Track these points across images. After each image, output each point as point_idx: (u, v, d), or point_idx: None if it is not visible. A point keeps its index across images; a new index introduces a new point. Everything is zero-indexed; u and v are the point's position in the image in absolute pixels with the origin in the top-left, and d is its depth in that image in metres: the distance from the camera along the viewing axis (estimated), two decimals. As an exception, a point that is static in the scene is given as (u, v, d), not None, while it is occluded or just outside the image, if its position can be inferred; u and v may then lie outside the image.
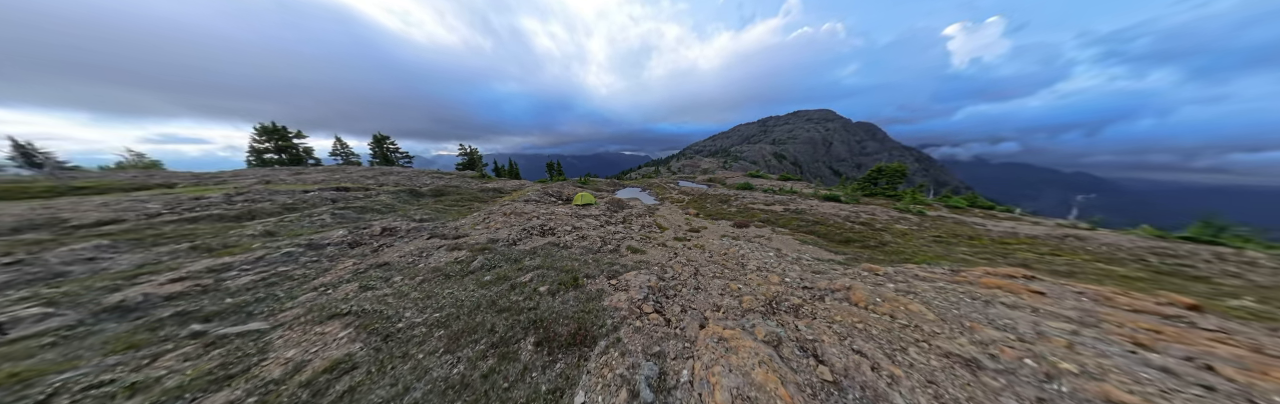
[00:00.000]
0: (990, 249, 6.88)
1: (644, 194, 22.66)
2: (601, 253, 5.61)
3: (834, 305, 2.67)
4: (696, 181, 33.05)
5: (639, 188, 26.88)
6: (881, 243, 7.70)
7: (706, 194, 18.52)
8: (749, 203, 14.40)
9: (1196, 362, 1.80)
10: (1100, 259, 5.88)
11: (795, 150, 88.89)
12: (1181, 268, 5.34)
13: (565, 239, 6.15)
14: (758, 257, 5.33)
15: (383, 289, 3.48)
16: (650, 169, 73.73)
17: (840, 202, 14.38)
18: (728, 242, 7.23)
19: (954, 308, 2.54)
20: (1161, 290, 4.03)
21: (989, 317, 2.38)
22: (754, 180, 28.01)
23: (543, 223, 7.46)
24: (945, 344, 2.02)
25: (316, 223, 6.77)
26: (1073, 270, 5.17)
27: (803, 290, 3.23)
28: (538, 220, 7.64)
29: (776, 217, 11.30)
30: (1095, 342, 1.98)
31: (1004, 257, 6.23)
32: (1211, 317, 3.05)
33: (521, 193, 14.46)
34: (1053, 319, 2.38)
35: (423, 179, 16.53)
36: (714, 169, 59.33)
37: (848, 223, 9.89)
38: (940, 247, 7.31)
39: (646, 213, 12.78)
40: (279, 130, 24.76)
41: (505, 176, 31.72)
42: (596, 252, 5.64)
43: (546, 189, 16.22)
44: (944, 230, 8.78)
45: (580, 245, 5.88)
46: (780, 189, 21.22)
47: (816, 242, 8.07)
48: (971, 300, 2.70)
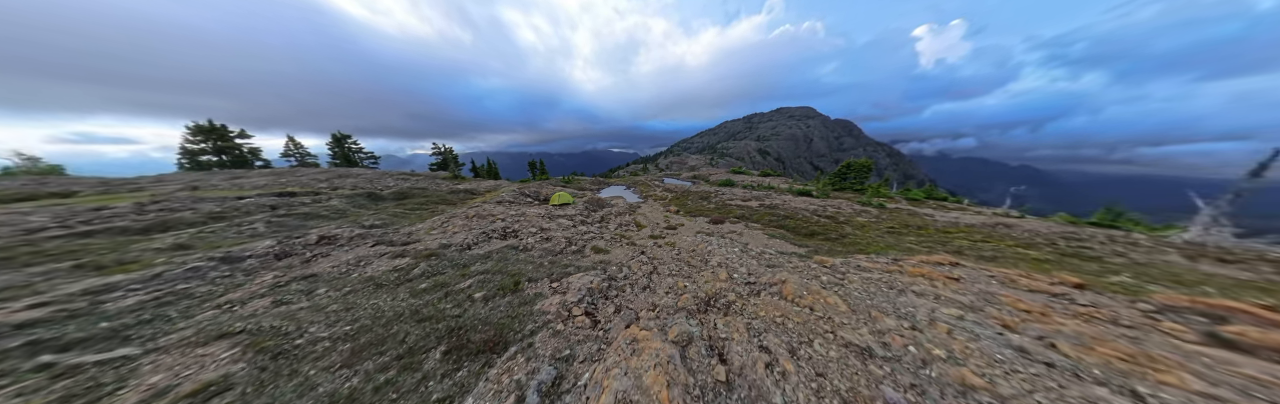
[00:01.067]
0: (933, 238, 7.45)
1: (628, 192, 22.57)
2: (562, 255, 5.51)
3: (765, 300, 2.75)
4: (682, 179, 33.36)
5: (624, 186, 26.73)
6: (841, 235, 8.12)
7: (689, 191, 18.74)
8: (727, 199, 14.70)
9: (1045, 340, 2.00)
10: (1020, 244, 6.53)
11: (778, 146, 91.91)
12: (1082, 250, 6.04)
13: (527, 241, 5.99)
14: (722, 253, 5.43)
15: (299, 303, 3.20)
16: (638, 167, 73.61)
17: (812, 196, 15.02)
18: (700, 238, 7.33)
19: (868, 298, 2.70)
20: (1058, 271, 4.52)
21: (896, 305, 2.55)
22: (736, 177, 28.67)
23: (508, 225, 7.22)
24: (848, 334, 2.12)
25: (245, 233, 6.14)
26: (996, 255, 5.70)
27: (745, 286, 3.31)
28: (502, 223, 7.40)
29: (751, 212, 11.61)
30: (973, 325, 2.16)
31: (943, 245, 6.76)
32: (1089, 293, 3.45)
33: (495, 194, 13.88)
34: (948, 306, 2.58)
35: (385, 181, 15.45)
36: (700, 166, 60.10)
37: (815, 217, 10.35)
38: (892, 237, 7.82)
39: (628, 211, 12.71)
40: (216, 129, 22.12)
41: (484, 177, 30.44)
42: (557, 253, 5.53)
43: (524, 189, 15.68)
44: (898, 222, 9.40)
45: (542, 248, 5.74)
46: (759, 185, 21.86)
47: (784, 235, 8.38)
48: (888, 290, 2.89)
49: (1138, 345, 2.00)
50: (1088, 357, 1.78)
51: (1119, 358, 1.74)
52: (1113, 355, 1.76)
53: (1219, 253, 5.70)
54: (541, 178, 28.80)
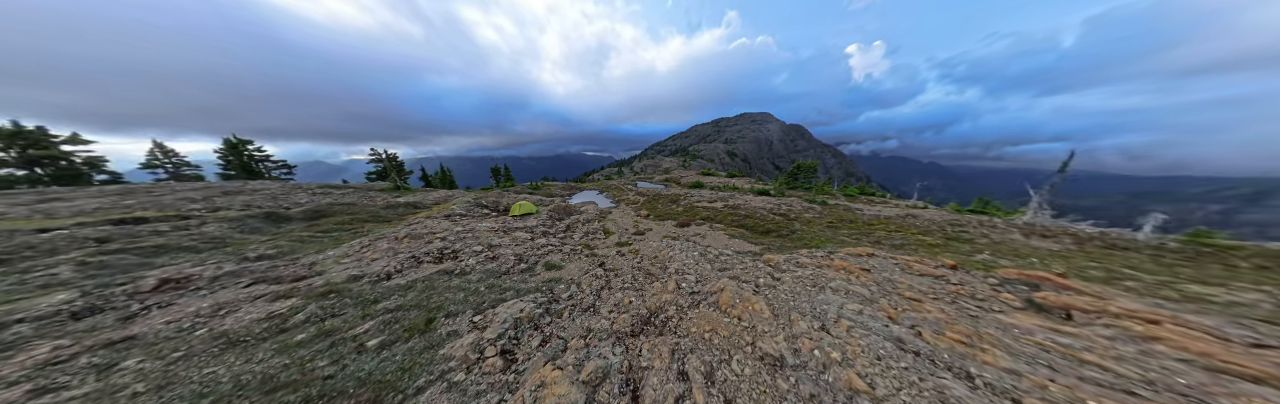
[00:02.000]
0: (861, 230, 8.68)
1: (601, 197, 22.25)
2: (507, 275, 5.07)
3: (701, 312, 2.86)
4: (655, 182, 33.99)
5: (597, 190, 26.30)
6: (791, 231, 9.01)
7: (660, 194, 19.14)
8: (695, 201, 15.34)
9: (915, 329, 2.43)
10: (920, 232, 7.96)
11: (744, 148, 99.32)
12: (961, 233, 7.59)
13: (467, 263, 5.39)
14: (682, 258, 5.59)
15: (77, 388, 2.25)
16: (613, 170, 73.20)
17: (769, 195, 16.44)
18: (665, 243, 7.48)
19: (792, 299, 3.00)
20: (943, 254, 5.60)
21: (814, 304, 2.87)
22: (705, 178, 30.18)
23: (448, 245, 6.40)
24: (766, 344, 2.25)
25: (33, 283, 4.34)
26: (903, 243, 6.87)
27: (689, 296, 3.43)
28: (442, 242, 6.53)
29: (716, 213, 12.27)
30: (867, 319, 2.53)
31: (867, 236, 7.92)
32: (960, 272, 4.30)
33: (445, 206, 12.46)
34: (853, 300, 2.98)
35: (297, 196, 12.72)
36: (673, 168, 62.01)
37: (771, 215, 11.33)
38: (830, 231, 8.91)
39: (597, 217, 12.47)
40: (22, 132, 16.34)
41: (436, 186, 27.36)
42: (501, 275, 5.06)
43: (481, 199, 14.39)
44: (836, 217, 10.75)
45: (484, 269, 5.21)
46: (726, 185, 23.31)
47: (743, 235, 9.00)
48: (811, 287, 3.25)
49: (975, 324, 2.51)
50: (941, 342, 2.18)
51: (960, 341, 2.16)
52: (957, 339, 2.18)
53: (1042, 230, 7.61)
54: (506, 185, 26.90)
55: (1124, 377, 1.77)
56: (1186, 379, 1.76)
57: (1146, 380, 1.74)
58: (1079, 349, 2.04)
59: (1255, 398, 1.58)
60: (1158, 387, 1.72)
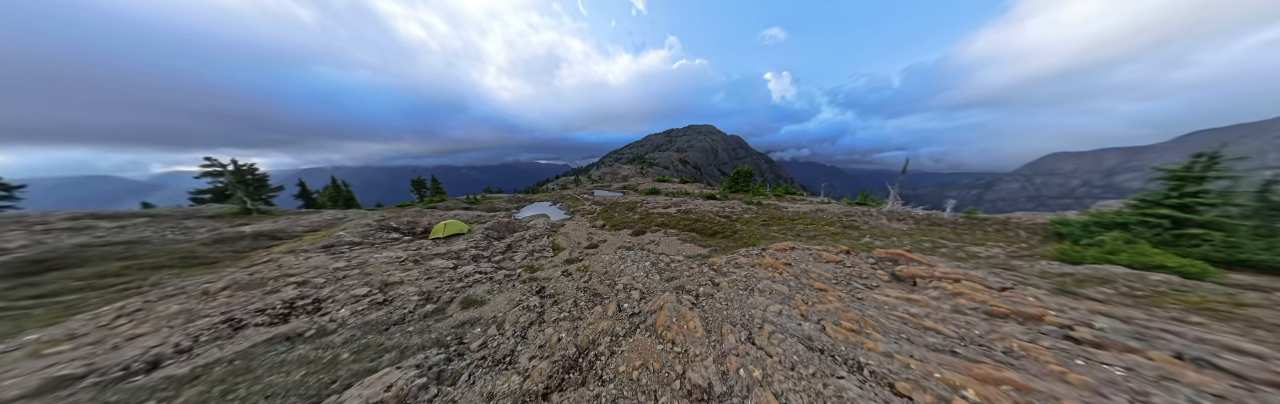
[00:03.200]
0: (786, 225, 10.23)
1: (554, 208, 20.76)
2: (399, 326, 3.82)
3: (636, 341, 2.65)
4: (613, 189, 33.84)
5: (550, 202, 24.52)
6: (734, 231, 9.98)
7: (618, 203, 18.99)
8: (651, 208, 15.73)
9: (820, 323, 2.83)
10: (826, 223, 9.86)
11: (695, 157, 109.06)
12: (852, 222, 9.72)
13: (336, 316, 3.86)
14: (633, 271, 5.43)
15: None
16: (569, 178, 70.28)
17: (716, 199, 18.12)
18: (619, 255, 7.24)
19: (725, 308, 3.11)
20: (841, 241, 6.99)
21: (744, 310, 3.01)
22: (661, 185, 31.60)
23: (306, 292, 4.47)
24: (696, 373, 2.15)
25: None
26: (815, 234, 8.37)
27: (627, 320, 3.25)
28: (297, 289, 4.53)
29: (671, 218, 12.75)
30: (785, 320, 2.77)
31: (791, 229, 9.38)
32: (851, 256, 5.37)
33: (327, 233, 9.43)
34: (775, 300, 3.27)
35: (8, 233, 7.51)
36: (632, 175, 63.36)
37: (717, 217, 12.39)
38: (764, 228, 10.23)
39: (547, 232, 11.41)
40: None
41: (324, 205, 20.90)
42: (391, 326, 3.77)
43: (389, 220, 11.47)
44: (768, 215, 12.45)
45: (362, 322, 3.80)
46: (679, 191, 24.84)
47: (694, 238, 9.52)
48: (743, 291, 3.49)
49: (861, 308, 3.01)
50: (838, 334, 2.53)
51: (851, 330, 2.52)
52: (850, 328, 2.54)
53: (897, 215, 10.41)
54: (433, 200, 22.49)
55: (949, 337, 2.36)
56: (979, 329, 2.46)
57: (960, 337, 2.36)
58: (922, 317, 2.68)
59: (1010, 337, 2.28)
60: (967, 341, 2.34)
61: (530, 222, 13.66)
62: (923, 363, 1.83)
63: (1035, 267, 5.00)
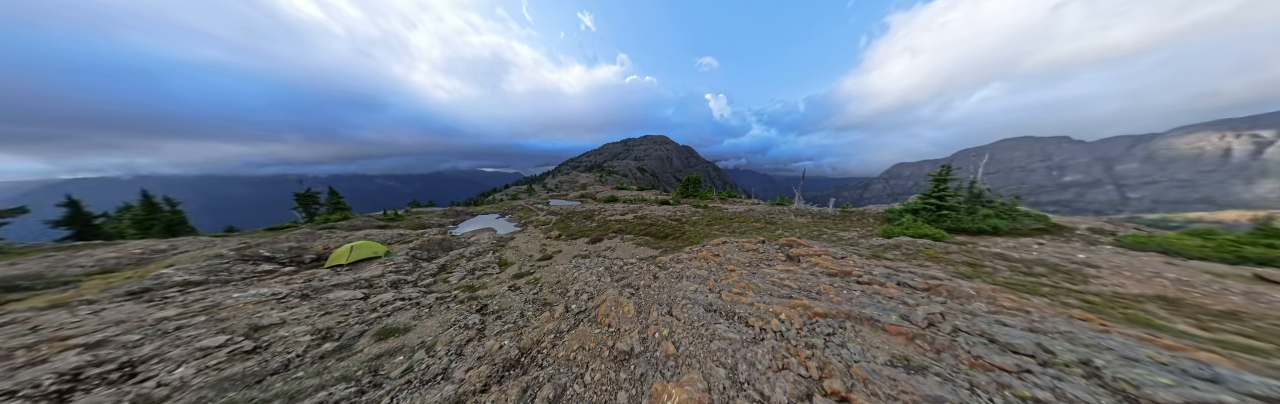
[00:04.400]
0: (726, 224, 11.98)
1: (503, 221, 18.94)
2: (285, 373, 3.06)
3: (578, 331, 3.03)
4: (570, 198, 32.82)
5: (497, 214, 22.22)
6: (683, 233, 11.13)
7: (575, 212, 18.62)
8: (609, 216, 16.04)
9: (719, 292, 3.76)
10: (753, 221, 11.98)
11: (652, 165, 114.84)
12: (774, 218, 12.09)
13: (169, 378, 2.84)
14: (585, 276, 5.61)
15: None
16: (521, 188, 64.81)
17: (670, 204, 19.65)
18: (573, 263, 7.27)
19: (657, 294, 3.76)
20: (762, 234, 8.72)
21: (670, 293, 3.69)
22: (619, 193, 32.28)
23: (103, 356, 3.10)
24: (622, 343, 2.61)
25: None
26: (746, 230, 10.13)
27: (573, 317, 3.55)
28: (83, 355, 3.10)
29: (628, 225, 13.29)
30: (697, 295, 3.54)
31: (728, 227, 11.07)
32: (765, 244, 6.80)
33: (139, 273, 6.45)
34: (696, 282, 4.08)
35: None
36: (591, 183, 62.54)
37: (670, 221, 13.55)
38: (708, 228, 11.73)
39: (492, 248, 10.42)
40: None
41: (130, 233, 13.37)
42: (267, 376, 2.98)
43: (260, 247, 8.55)
44: (712, 216, 14.27)
45: (218, 378, 2.88)
46: (637, 198, 25.89)
47: (648, 242, 10.23)
48: (675, 279, 4.20)
49: (751, 278, 4.14)
50: (728, 297, 3.42)
51: (737, 293, 3.50)
52: (737, 291, 3.50)
53: (802, 212, 13.44)
54: (331, 218, 17.57)
55: (793, 289, 3.46)
56: (812, 283, 3.64)
57: (799, 287, 3.48)
58: (786, 279, 3.78)
59: (824, 284, 3.48)
60: (801, 290, 3.47)
61: (471, 237, 12.24)
62: (767, 305, 2.72)
63: (869, 241, 7.32)
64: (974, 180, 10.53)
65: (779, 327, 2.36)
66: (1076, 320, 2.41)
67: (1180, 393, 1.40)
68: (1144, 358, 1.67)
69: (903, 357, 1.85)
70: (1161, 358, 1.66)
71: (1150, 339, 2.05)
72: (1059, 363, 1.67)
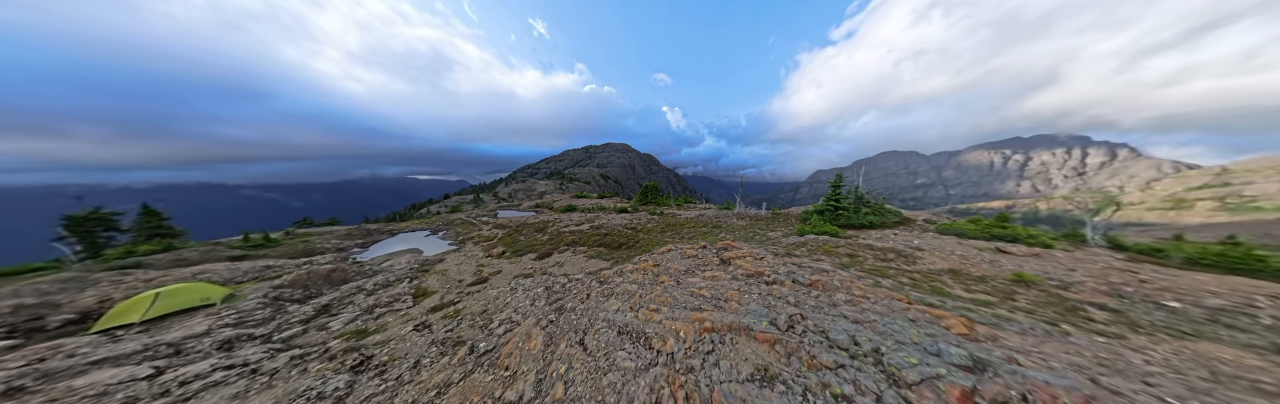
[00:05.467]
0: (678, 231, 12.60)
1: (434, 239, 16.04)
2: None
3: (471, 382, 2.67)
4: (523, 209, 30.15)
5: (428, 230, 18.77)
6: (637, 241, 11.25)
7: (526, 224, 17.06)
8: (564, 227, 15.20)
9: (637, 311, 3.88)
10: (701, 225, 12.94)
11: (615, 172, 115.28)
12: (719, 222, 13.26)
13: None
14: (519, 301, 5.05)
15: None
16: (466, 198, 56.77)
17: (628, 212, 19.80)
18: (512, 285, 6.50)
19: (578, 318, 3.51)
20: (706, 239, 9.42)
21: (592, 314, 3.44)
22: (578, 201, 31.18)
23: None
24: (511, 392, 2.38)
25: None
26: (693, 235, 10.84)
27: (473, 362, 3.11)
28: None
29: (582, 236, 12.78)
30: (616, 315, 3.59)
31: (679, 233, 11.67)
32: (706, 250, 7.33)
33: None
34: (622, 299, 4.02)
35: None
36: (550, 191, 58.88)
37: (625, 230, 13.57)
38: (661, 234, 12.14)
39: (410, 275, 8.60)
40: None
41: None
42: None
43: None
44: (666, 223, 14.87)
45: None
46: (596, 206, 25.37)
47: (601, 253, 9.99)
48: (604, 298, 4.12)
49: (674, 290, 4.39)
50: (644, 315, 3.51)
51: (653, 310, 3.64)
52: (652, 309, 3.64)
53: (742, 216, 15.15)
54: (138, 250, 11.38)
55: (705, 298, 3.78)
56: (725, 289, 4.05)
57: (711, 297, 3.83)
58: (703, 288, 4.12)
59: (732, 290, 3.90)
60: (712, 299, 3.82)
61: (383, 264, 9.95)
62: (673, 321, 2.87)
63: (787, 240, 8.61)
64: (857, 186, 13.66)
65: (673, 347, 2.40)
66: (894, 301, 3.22)
67: (919, 371, 1.84)
68: (908, 340, 2.19)
69: (763, 367, 2.03)
70: (916, 337, 2.23)
71: (929, 311, 2.88)
72: (861, 354, 2.05)
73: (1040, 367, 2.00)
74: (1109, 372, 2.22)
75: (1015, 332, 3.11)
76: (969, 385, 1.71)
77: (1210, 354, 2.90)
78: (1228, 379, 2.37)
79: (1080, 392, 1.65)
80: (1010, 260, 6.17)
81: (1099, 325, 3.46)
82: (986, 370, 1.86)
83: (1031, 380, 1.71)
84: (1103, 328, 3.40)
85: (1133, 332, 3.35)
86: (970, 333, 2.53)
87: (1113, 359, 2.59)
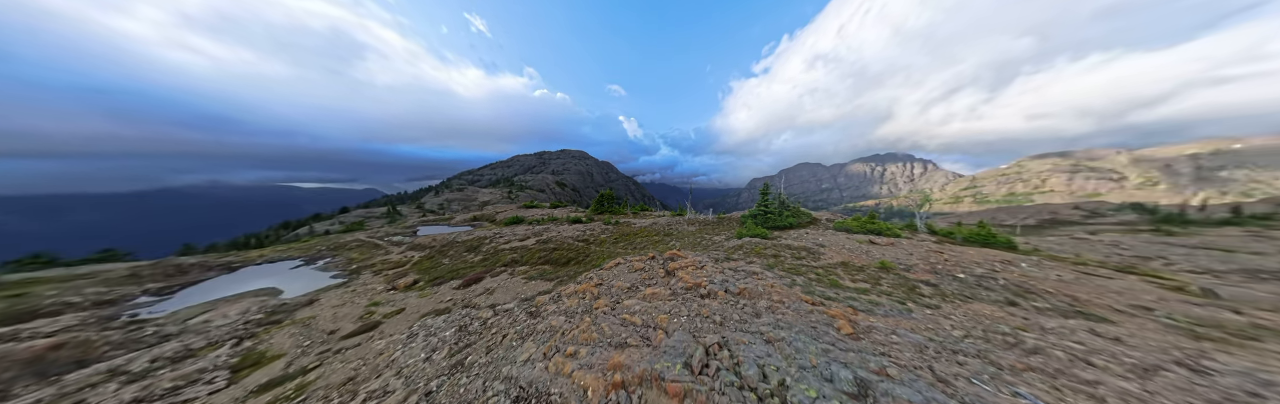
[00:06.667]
0: (632, 241, 12.43)
1: (309, 271, 11.76)
2: None
3: None
4: (456, 223, 25.51)
5: (303, 259, 13.73)
6: (587, 255, 10.57)
7: (454, 242, 14.24)
8: (505, 243, 13.26)
9: (551, 358, 3.52)
10: (654, 233, 13.14)
11: (573, 179, 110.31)
12: (672, 229, 13.70)
13: None
14: (410, 357, 3.84)
15: None
16: (376, 211, 44.73)
17: (582, 222, 18.78)
18: (414, 329, 5.02)
19: (471, 383, 2.78)
20: (656, 248, 9.49)
21: (488, 379, 2.72)
22: (527, 211, 28.23)
23: None
24: None
25: None
26: (645, 244, 10.84)
27: None
28: None
29: (526, 253, 11.30)
30: (524, 371, 2.80)
31: (632, 244, 11.51)
32: (653, 261, 7.27)
33: None
34: (540, 341, 3.35)
35: None
36: (496, 201, 51.88)
37: (576, 242, 12.68)
38: (614, 246, 11.76)
39: (237, 333, 5.78)
40: None
41: None
42: None
43: None
44: (620, 233, 14.58)
45: None
46: (547, 217, 23.33)
47: (545, 272, 8.93)
48: (521, 341, 3.48)
49: (605, 319, 4.13)
50: (555, 365, 3.05)
51: (571, 353, 3.14)
52: (571, 352, 3.14)
53: (692, 221, 16.11)
54: None
55: (636, 326, 3.66)
56: (658, 313, 3.99)
57: (646, 324, 3.74)
58: (637, 313, 3.99)
59: (664, 315, 3.87)
60: (643, 326, 3.71)
61: (190, 320, 6.54)
62: (586, 371, 2.49)
63: (728, 243, 9.39)
64: (780, 192, 16.29)
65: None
66: (803, 303, 3.65)
67: (805, 400, 1.86)
68: (808, 363, 2.29)
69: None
70: (815, 359, 2.31)
71: (826, 312, 3.32)
72: (769, 394, 2.02)
73: (899, 368, 2.29)
74: (947, 348, 2.87)
75: (881, 315, 3.88)
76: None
77: (980, 311, 4.17)
78: (987, 330, 3.39)
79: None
80: (877, 250, 8.06)
81: (926, 299, 4.67)
82: (866, 397, 2.05)
83: (898, 401, 1.92)
84: (928, 301, 4.59)
85: (944, 302, 4.63)
86: (853, 330, 2.99)
87: (935, 328, 3.43)
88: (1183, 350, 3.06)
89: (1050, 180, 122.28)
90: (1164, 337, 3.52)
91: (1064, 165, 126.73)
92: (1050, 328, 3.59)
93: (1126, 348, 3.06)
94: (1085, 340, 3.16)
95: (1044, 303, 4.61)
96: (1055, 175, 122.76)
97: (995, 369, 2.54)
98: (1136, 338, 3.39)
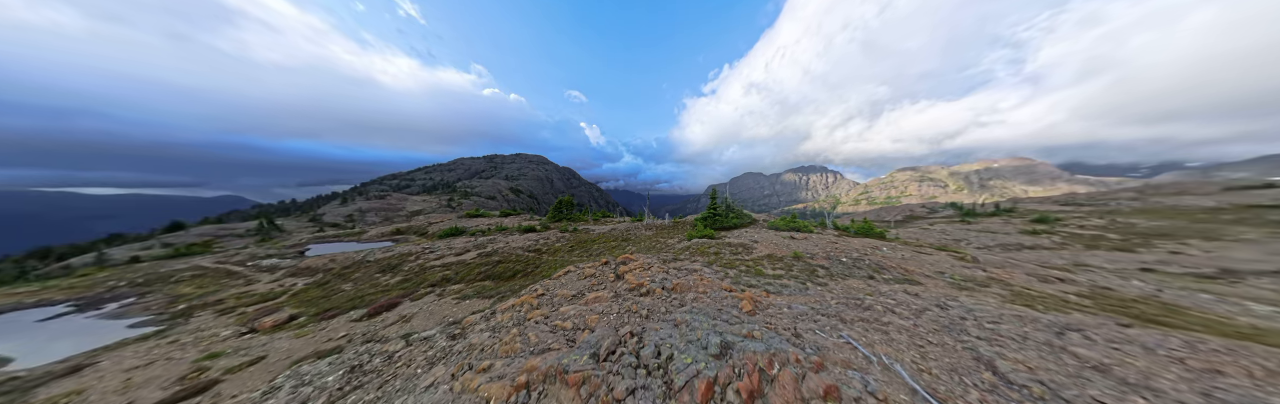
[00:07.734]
0: (588, 248, 12.13)
1: (83, 321, 7.77)
2: None
3: None
4: (368, 238, 20.70)
5: (67, 304, 9.00)
6: (538, 266, 9.86)
7: (362, 263, 11.48)
8: (436, 258, 11.32)
9: (475, 382, 3.31)
10: (612, 239, 13.14)
11: (529, 185, 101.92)
12: (630, 234, 13.90)
13: None
14: None
15: None
16: (239, 226, 32.61)
17: (536, 231, 17.48)
18: (277, 382, 3.78)
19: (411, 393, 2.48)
20: (613, 251, 9.51)
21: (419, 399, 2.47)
22: (470, 221, 24.86)
23: None
24: None
25: None
26: (601, 250, 10.75)
27: None
28: None
29: (463, 268, 9.86)
30: (444, 399, 2.83)
31: (588, 251, 11.25)
32: (606, 266, 7.23)
33: None
34: (447, 368, 3.01)
35: None
36: (432, 210, 43.98)
37: (526, 253, 11.71)
38: (569, 254, 11.28)
39: None
40: None
41: None
42: None
43: None
44: (576, 240, 14.09)
45: None
46: (495, 227, 20.94)
47: (484, 289, 7.95)
48: (429, 367, 3.08)
49: (534, 329, 4.03)
50: (474, 383, 2.96)
51: (484, 370, 2.91)
52: (485, 370, 2.96)
53: (649, 226, 16.73)
54: None
55: (570, 329, 3.70)
56: (591, 314, 4.07)
57: (576, 327, 3.79)
58: (570, 317, 4.00)
59: (594, 315, 3.98)
60: (569, 330, 3.77)
61: None
62: (495, 382, 2.39)
63: (680, 244, 10.04)
64: (727, 197, 18.38)
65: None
66: (724, 291, 4.18)
67: (687, 372, 2.21)
68: (695, 338, 2.69)
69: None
70: (701, 333, 2.76)
71: (738, 295, 3.90)
72: (656, 367, 2.29)
73: (767, 330, 2.90)
74: (816, 313, 3.67)
75: (787, 294, 4.72)
76: (712, 375, 2.20)
77: (851, 285, 5.46)
78: (849, 298, 4.48)
79: (768, 353, 2.40)
80: (795, 243, 9.75)
81: (820, 279, 5.88)
82: (726, 355, 2.42)
83: (746, 353, 2.41)
84: (821, 281, 5.78)
85: (831, 279, 5.90)
86: (753, 308, 3.58)
87: (821, 302, 4.34)
88: (946, 298, 4.63)
89: (909, 187, 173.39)
90: (944, 290, 5.27)
91: (915, 176, 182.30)
92: (884, 292, 4.94)
93: (918, 299, 4.45)
94: (899, 298, 4.48)
95: (889, 275, 6.32)
96: (911, 183, 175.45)
97: (839, 322, 3.41)
98: (928, 292, 4.97)
